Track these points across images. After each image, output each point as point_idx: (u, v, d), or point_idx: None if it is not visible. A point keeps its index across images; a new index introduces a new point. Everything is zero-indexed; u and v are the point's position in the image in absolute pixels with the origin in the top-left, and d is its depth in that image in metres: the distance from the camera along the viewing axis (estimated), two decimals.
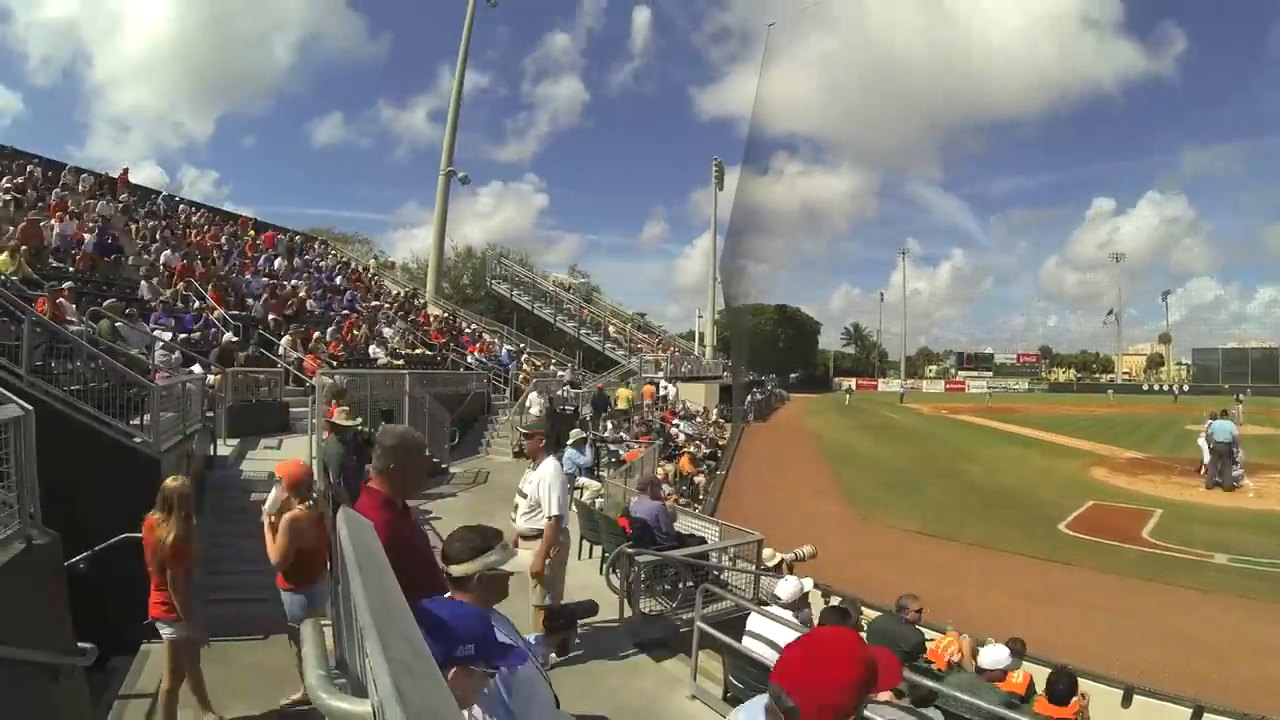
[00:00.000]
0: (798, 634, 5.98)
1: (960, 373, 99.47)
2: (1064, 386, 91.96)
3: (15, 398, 4.49)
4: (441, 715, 1.11)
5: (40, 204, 17.60)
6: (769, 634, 6.16)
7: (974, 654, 7.26)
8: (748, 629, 6.52)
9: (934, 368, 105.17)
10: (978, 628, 7.95)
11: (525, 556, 6.24)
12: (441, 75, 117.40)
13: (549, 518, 6.42)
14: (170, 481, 5.24)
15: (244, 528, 8.61)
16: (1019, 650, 7.35)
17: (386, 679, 1.14)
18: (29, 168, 21.99)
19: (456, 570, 2.75)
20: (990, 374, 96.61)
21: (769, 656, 5.91)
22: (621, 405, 24.39)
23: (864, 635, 7.82)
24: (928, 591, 8.92)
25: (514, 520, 6.59)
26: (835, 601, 8.88)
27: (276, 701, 5.81)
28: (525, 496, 6.53)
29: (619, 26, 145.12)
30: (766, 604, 7.44)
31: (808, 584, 7.14)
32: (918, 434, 39.92)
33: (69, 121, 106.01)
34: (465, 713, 2.45)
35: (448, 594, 2.89)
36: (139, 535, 6.51)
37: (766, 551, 9.09)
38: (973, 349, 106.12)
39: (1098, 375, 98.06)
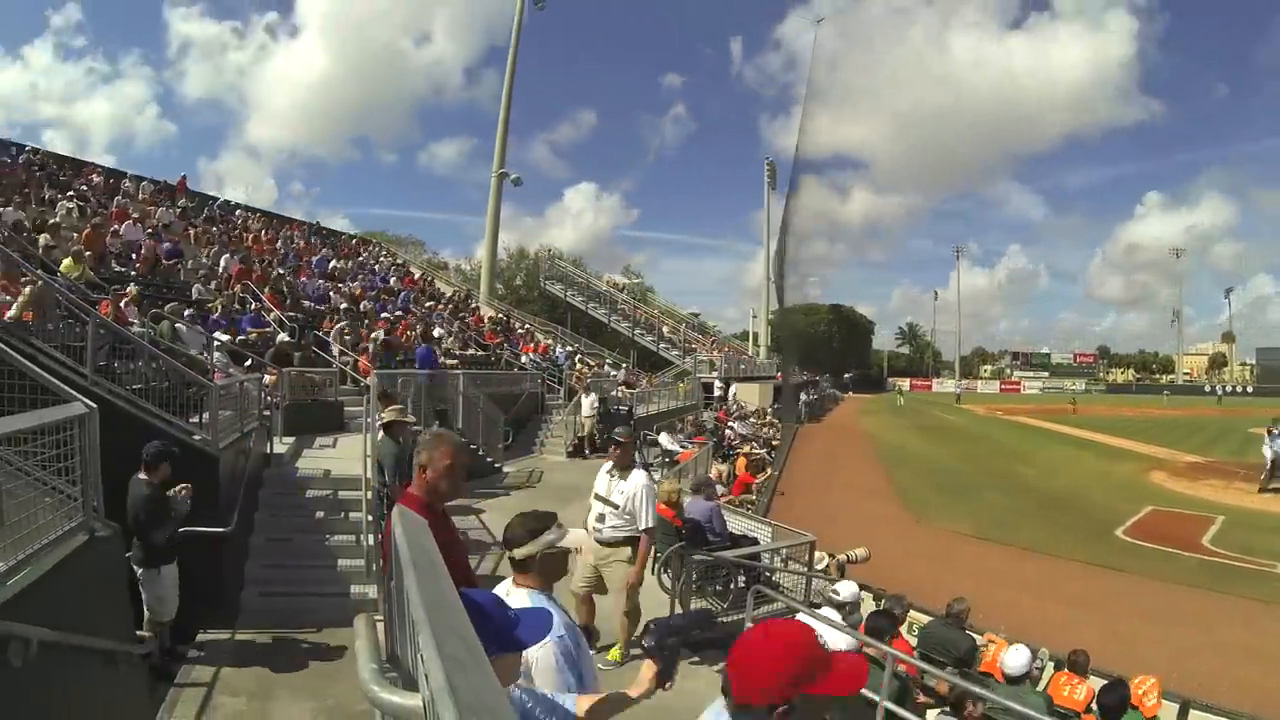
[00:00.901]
0: (846, 636, 5.95)
1: (1016, 373, 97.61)
2: (1122, 387, 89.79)
3: (80, 396, 4.62)
4: (492, 709, 1.11)
5: (103, 211, 18.17)
6: (820, 633, 6.11)
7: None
8: None
9: (989, 368, 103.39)
10: (1030, 635, 7.77)
11: (579, 535, 6.33)
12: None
13: (644, 531, 6.49)
14: None
15: (298, 523, 8.84)
16: (1081, 663, 7.17)
17: (439, 673, 1.15)
18: (91, 176, 22.79)
19: (518, 553, 2.86)
20: (1046, 374, 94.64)
21: None
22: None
23: (913, 638, 7.73)
24: (979, 596, 8.79)
25: (597, 529, 6.61)
26: (881, 605, 8.77)
27: (326, 693, 5.95)
28: (615, 507, 6.51)
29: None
30: (818, 606, 7.37)
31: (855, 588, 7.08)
32: (972, 435, 39.36)
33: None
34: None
35: (504, 582, 2.97)
36: (197, 529, 6.74)
37: (817, 554, 8.99)
38: (1028, 348, 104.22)
39: (1157, 376, 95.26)
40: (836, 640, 5.97)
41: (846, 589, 6.90)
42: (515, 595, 2.89)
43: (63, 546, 4.00)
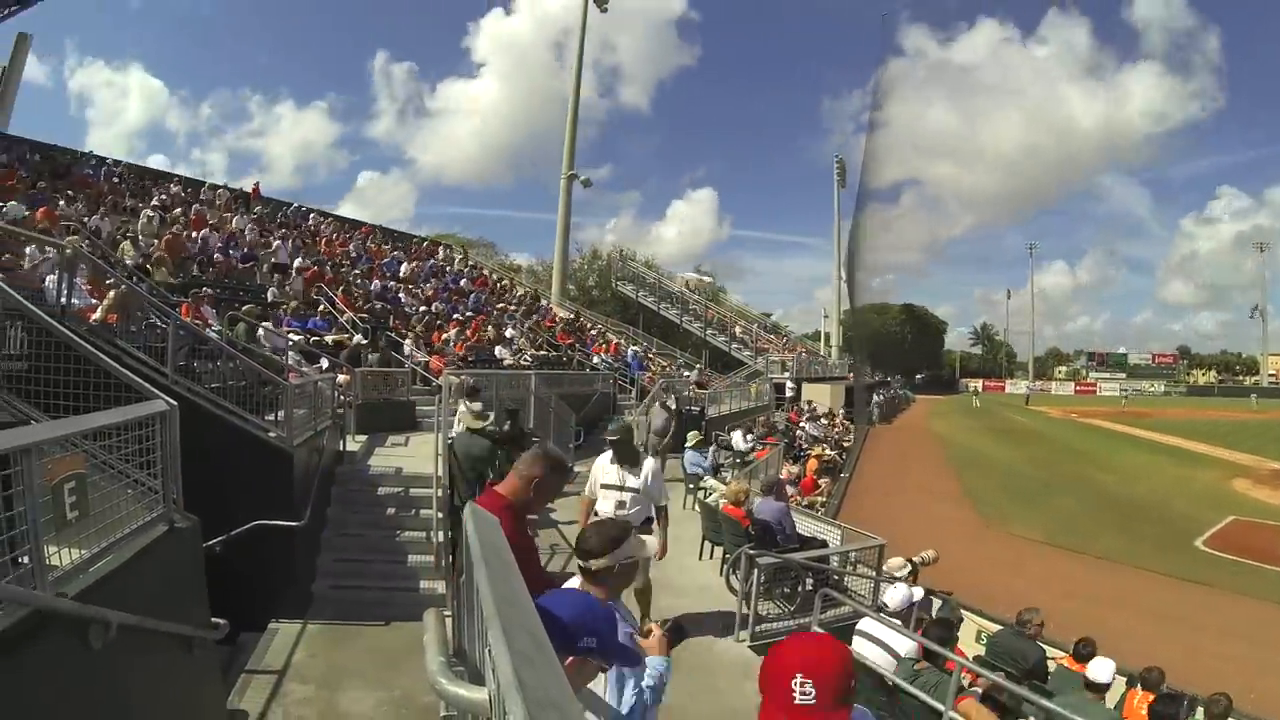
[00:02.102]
0: (907, 639, 5.85)
1: (1092, 374, 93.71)
2: (1204, 389, 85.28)
3: (161, 394, 4.79)
4: (559, 706, 1.14)
5: (182, 218, 18.85)
6: (881, 636, 6.04)
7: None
8: (858, 628, 6.39)
9: (1063, 369, 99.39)
10: (1102, 649, 7.53)
11: (650, 542, 6.35)
12: None
13: (661, 505, 6.73)
14: None
15: (370, 518, 9.05)
16: (1154, 681, 6.93)
17: (508, 669, 1.18)
18: (170, 186, 23.69)
19: (596, 564, 2.85)
20: (1124, 375, 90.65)
21: (880, 661, 5.80)
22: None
23: (981, 647, 7.56)
24: (1051, 606, 8.55)
25: (621, 515, 6.56)
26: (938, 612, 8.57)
27: (393, 684, 6.08)
28: (636, 491, 6.62)
29: None
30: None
31: (917, 593, 6.90)
32: (1046, 438, 38.20)
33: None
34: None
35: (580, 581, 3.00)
36: (271, 522, 6.97)
37: (896, 560, 8.80)
38: (1105, 349, 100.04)
39: (1241, 377, 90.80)
40: (900, 645, 5.90)
41: (895, 595, 6.75)
42: None
43: (143, 536, 4.17)
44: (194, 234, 17.29)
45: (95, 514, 3.74)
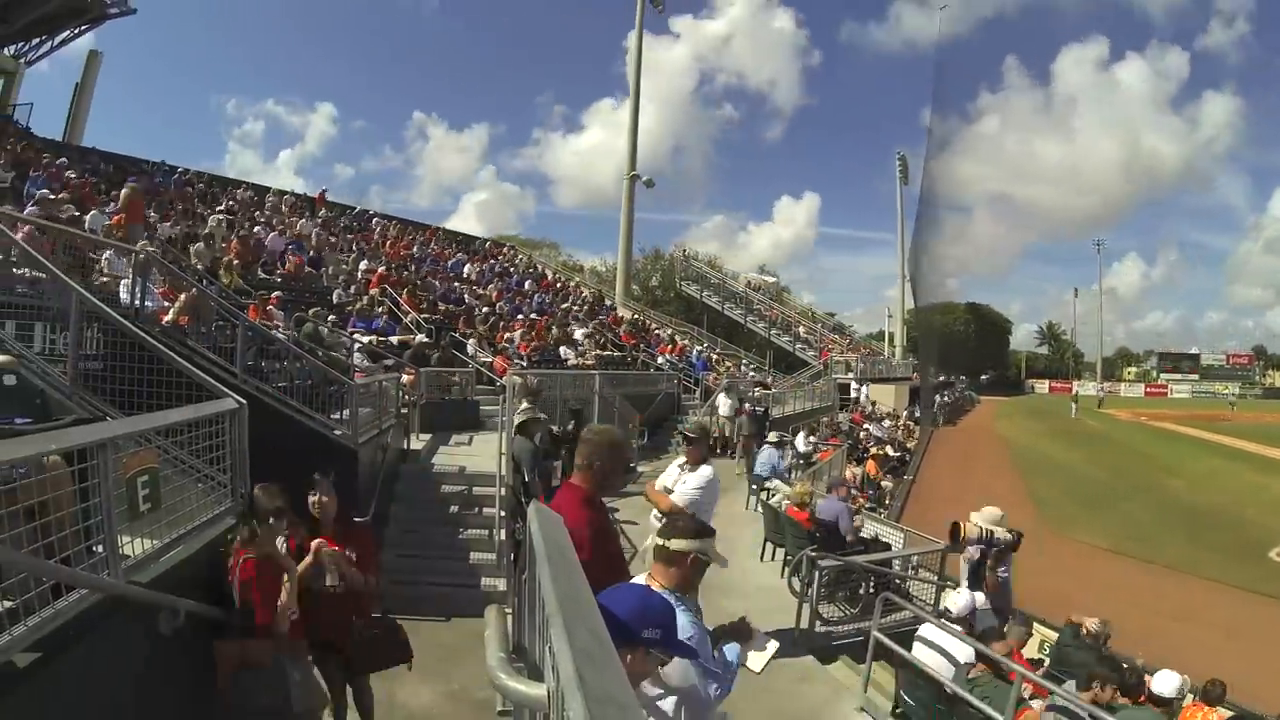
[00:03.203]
0: (969, 646, 5.75)
1: (1162, 375, 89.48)
2: None
3: (231, 393, 4.96)
4: (620, 703, 1.15)
5: (249, 223, 19.41)
6: (941, 643, 5.95)
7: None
8: (918, 634, 6.31)
9: (1133, 369, 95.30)
10: (1167, 662, 7.26)
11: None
12: None
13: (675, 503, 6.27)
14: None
15: (433, 516, 9.21)
16: (1217, 695, 6.69)
17: (569, 665, 1.20)
18: (237, 192, 24.43)
19: (675, 544, 2.89)
20: (1196, 377, 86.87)
21: (940, 668, 5.71)
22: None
23: (1045, 656, 7.37)
24: (1116, 617, 8.29)
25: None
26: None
27: (451, 678, 6.22)
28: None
29: None
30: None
31: (979, 599, 6.77)
32: (1114, 442, 36.73)
33: None
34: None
35: (646, 574, 3.04)
36: None
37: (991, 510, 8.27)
38: (1176, 348, 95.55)
39: None
40: (960, 651, 5.81)
41: (958, 601, 6.62)
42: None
43: (213, 528, 4.33)
44: (262, 238, 17.78)
45: (167, 506, 3.89)
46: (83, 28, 31.26)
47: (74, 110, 33.04)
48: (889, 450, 23.50)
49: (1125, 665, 7.20)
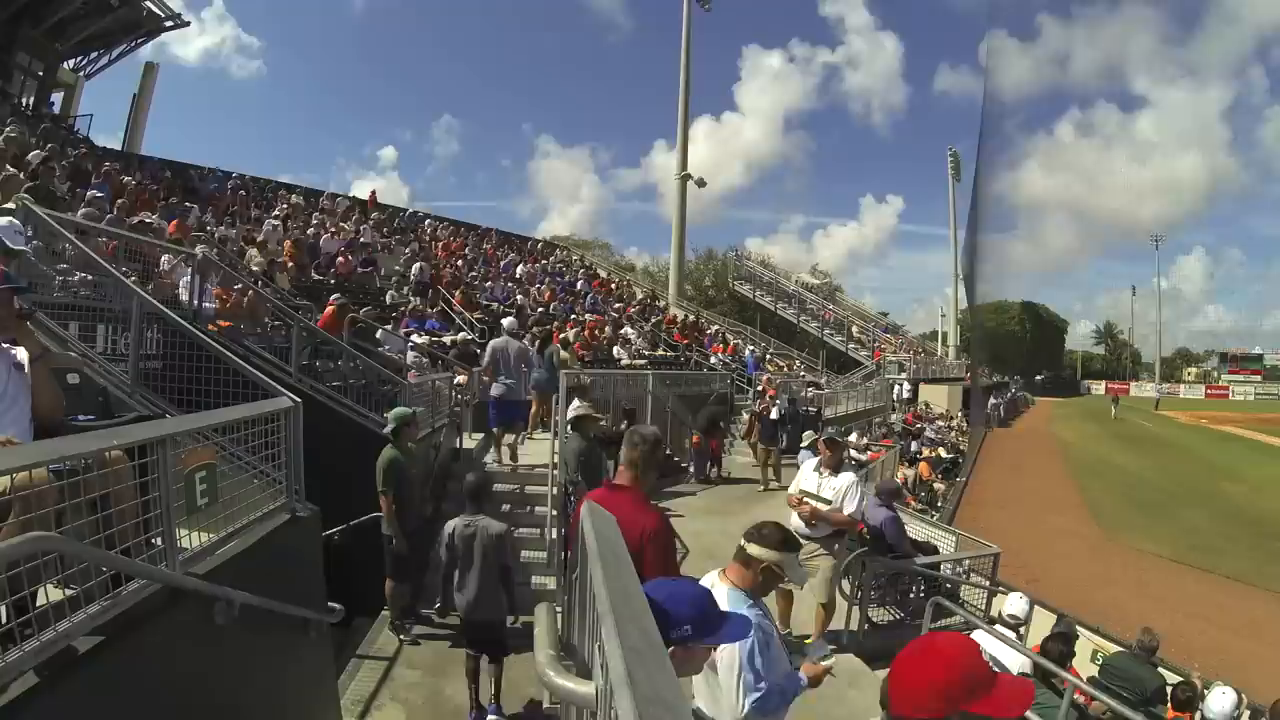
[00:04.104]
0: (1023, 655, 5.64)
1: (1224, 376, 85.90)
2: None
3: (286, 391, 5.07)
4: (669, 702, 1.16)
5: (303, 226, 19.80)
6: (994, 653, 5.86)
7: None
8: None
9: (1193, 370, 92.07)
10: (1225, 676, 7.03)
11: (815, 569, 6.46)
12: None
13: (847, 515, 6.83)
14: None
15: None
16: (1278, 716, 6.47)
17: (620, 664, 1.21)
18: (291, 197, 24.96)
19: (753, 550, 2.94)
20: (1260, 378, 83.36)
21: None
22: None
23: (1095, 667, 7.20)
24: (1174, 629, 8.09)
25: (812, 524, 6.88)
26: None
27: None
28: (828, 502, 6.81)
29: None
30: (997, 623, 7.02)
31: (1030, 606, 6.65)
32: (1174, 446, 35.60)
33: None
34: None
35: (720, 570, 3.06)
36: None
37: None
38: (1238, 348, 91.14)
39: None
40: (1010, 661, 5.72)
41: (1018, 604, 6.50)
42: (718, 590, 2.98)
43: (267, 523, 4.43)
44: (315, 241, 18.13)
45: (224, 501, 3.99)
46: (139, 41, 32.34)
47: (132, 120, 34.22)
48: (941, 452, 23.22)
49: (1181, 680, 7.06)
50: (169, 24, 31.61)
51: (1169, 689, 6.75)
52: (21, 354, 3.58)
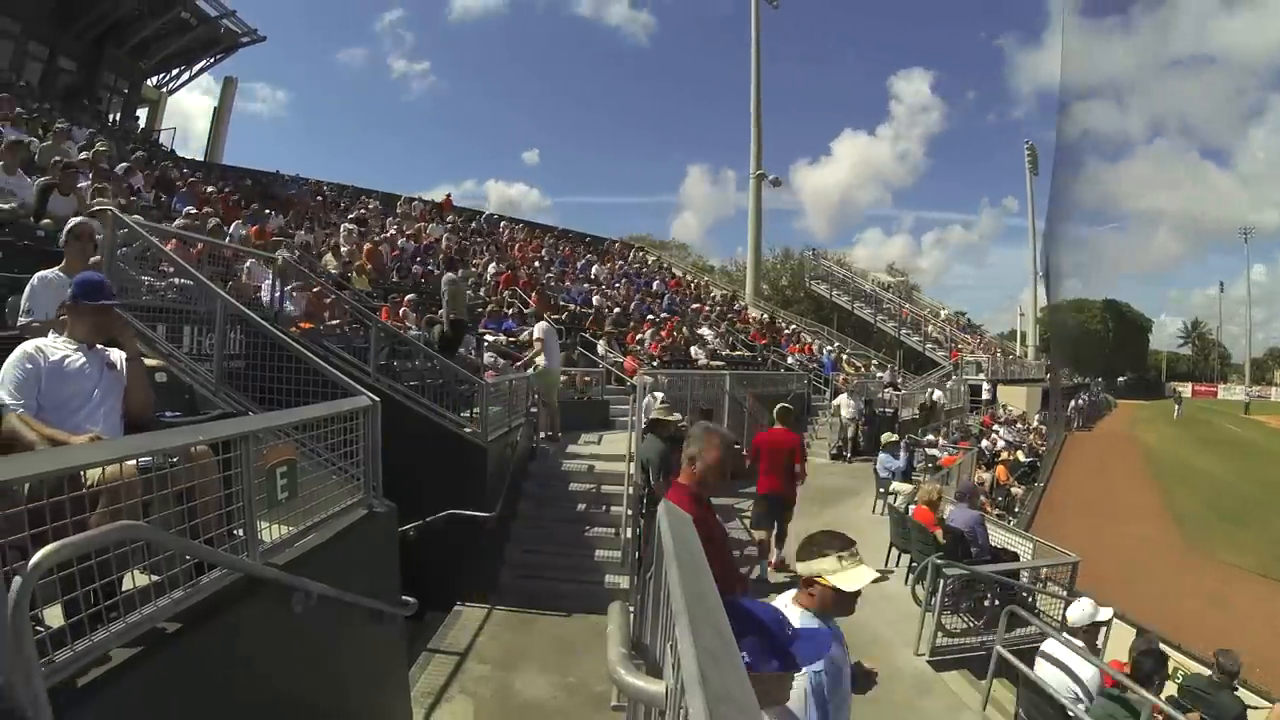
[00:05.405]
0: (1092, 665, 5.46)
1: None
2: None
3: (364, 391, 5.22)
4: (739, 704, 1.16)
5: (380, 230, 20.28)
6: (1065, 660, 5.69)
7: None
8: (1041, 649, 6.05)
9: None
10: None
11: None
12: None
13: None
14: None
15: (560, 513, 9.43)
16: None
17: (693, 664, 1.22)
18: (369, 202, 25.59)
19: (799, 565, 2.84)
20: None
21: (1062, 688, 5.47)
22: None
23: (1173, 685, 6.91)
24: (1260, 649, 7.68)
25: None
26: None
27: (568, 671, 6.41)
28: None
29: None
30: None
31: (1104, 613, 6.39)
32: (1264, 452, 33.50)
33: None
34: None
35: (784, 594, 3.00)
36: (463, 512, 7.46)
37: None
38: None
39: None
40: (1083, 672, 5.55)
41: (1078, 611, 6.25)
42: (790, 611, 2.77)
43: (345, 518, 4.57)
44: (392, 244, 18.54)
45: (303, 496, 4.13)
46: (219, 57, 33.78)
47: (213, 132, 35.79)
48: (1020, 455, 22.66)
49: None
50: (245, 39, 33.07)
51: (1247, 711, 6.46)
52: (115, 355, 3.79)
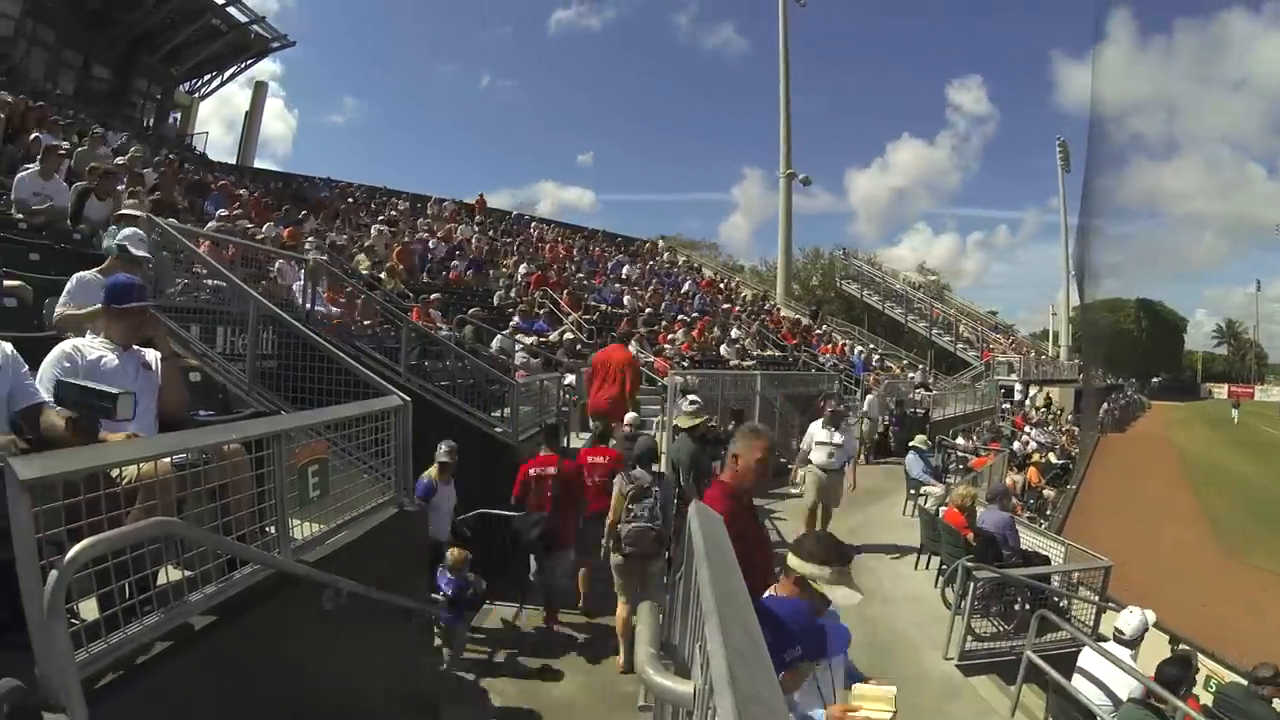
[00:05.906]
0: (1133, 678, 5.37)
1: None
2: None
3: (395, 390, 5.26)
4: (768, 704, 1.18)
5: (410, 230, 20.44)
6: (1102, 675, 5.61)
7: None
8: (1078, 666, 5.98)
9: None
10: None
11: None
12: None
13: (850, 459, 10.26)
14: None
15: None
16: None
17: (722, 664, 1.23)
18: (398, 202, 25.82)
19: (791, 560, 2.85)
20: None
21: (1098, 701, 5.40)
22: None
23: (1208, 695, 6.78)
24: None
25: (831, 461, 9.80)
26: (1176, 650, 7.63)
27: (596, 671, 6.54)
28: (839, 446, 9.89)
29: None
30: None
31: (1151, 616, 6.29)
32: None
33: None
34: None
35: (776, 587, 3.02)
36: (494, 511, 7.50)
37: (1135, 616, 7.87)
38: None
39: None
40: (1117, 684, 5.48)
41: (1129, 620, 6.15)
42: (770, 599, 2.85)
43: (375, 516, 4.60)
44: (422, 245, 18.67)
45: (335, 494, 4.17)
46: (249, 62, 34.40)
47: (245, 135, 36.33)
48: (1052, 457, 22.40)
49: None
50: (275, 45, 33.68)
51: None
52: (150, 355, 3.85)
